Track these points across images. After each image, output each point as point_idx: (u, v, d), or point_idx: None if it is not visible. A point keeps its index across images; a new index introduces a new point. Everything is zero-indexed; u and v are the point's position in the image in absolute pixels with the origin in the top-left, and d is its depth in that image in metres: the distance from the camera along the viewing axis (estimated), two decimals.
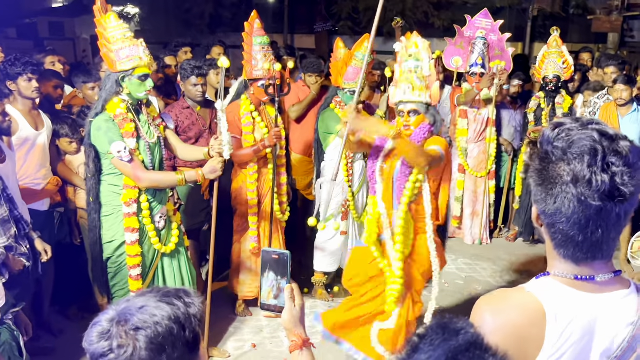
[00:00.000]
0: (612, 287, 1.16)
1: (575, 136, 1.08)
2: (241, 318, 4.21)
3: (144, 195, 3.15)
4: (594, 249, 1.12)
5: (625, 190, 1.05)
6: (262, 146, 3.87)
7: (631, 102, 4.73)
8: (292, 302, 1.35)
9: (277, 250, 1.39)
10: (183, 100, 4.20)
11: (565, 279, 1.16)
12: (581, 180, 1.06)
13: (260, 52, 3.84)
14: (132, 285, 3.17)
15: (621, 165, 1.05)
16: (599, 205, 1.06)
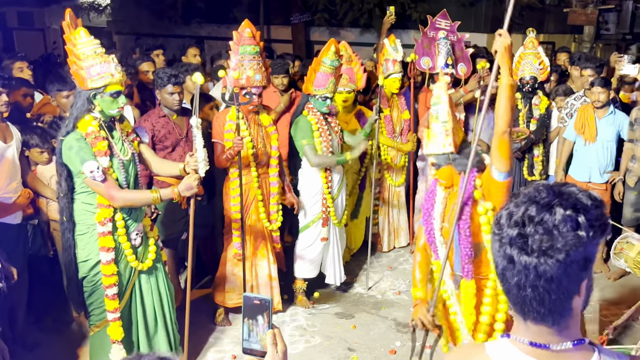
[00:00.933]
0: (573, 356, 1.13)
1: (532, 189, 1.14)
2: (221, 328, 4.21)
3: (119, 214, 3.11)
4: (522, 306, 1.13)
5: (533, 246, 1.07)
6: (230, 154, 3.85)
7: (608, 104, 4.79)
8: (275, 347, 1.34)
9: (258, 295, 1.39)
10: (159, 109, 4.14)
11: (521, 344, 1.16)
12: (499, 225, 1.13)
13: (244, 60, 3.83)
14: (109, 304, 3.14)
15: (538, 223, 1.07)
16: (509, 255, 1.10)
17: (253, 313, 1.38)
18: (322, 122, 4.27)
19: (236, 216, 4.02)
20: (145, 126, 4.02)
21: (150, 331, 3.37)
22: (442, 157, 2.71)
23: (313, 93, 4.21)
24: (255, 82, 3.84)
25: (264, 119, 4.11)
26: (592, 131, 4.81)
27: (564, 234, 1.06)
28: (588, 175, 4.93)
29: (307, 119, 4.25)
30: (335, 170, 4.38)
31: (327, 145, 4.25)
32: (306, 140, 4.23)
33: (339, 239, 4.55)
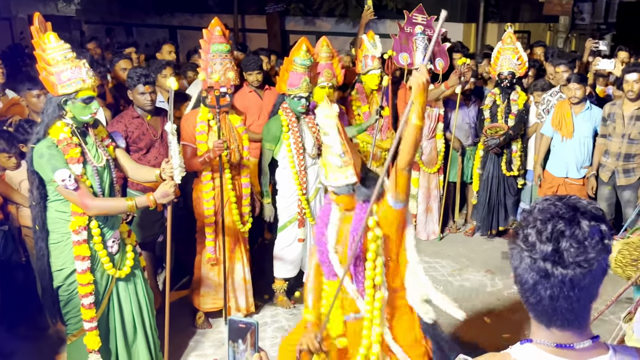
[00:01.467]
0: (592, 353, 1.24)
1: (546, 205, 1.21)
2: (201, 331, 4.19)
3: (94, 222, 3.05)
4: (551, 315, 1.21)
5: (569, 260, 1.15)
6: (208, 157, 3.82)
7: (584, 100, 4.86)
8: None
9: (244, 319, 1.39)
10: (132, 109, 4.06)
11: (547, 347, 1.24)
12: (529, 244, 1.19)
13: (216, 59, 3.80)
14: (85, 314, 3.08)
15: (569, 237, 1.15)
16: (543, 269, 1.17)
17: (238, 336, 1.38)
18: (294, 122, 4.24)
19: (210, 220, 3.99)
20: (118, 128, 3.95)
21: (129, 339, 3.32)
22: (344, 188, 2.60)
23: (287, 93, 4.18)
24: (230, 81, 3.81)
25: (234, 119, 4.07)
26: (569, 127, 4.88)
27: (593, 244, 1.16)
28: (565, 171, 5.01)
29: (279, 120, 4.23)
30: (310, 170, 4.36)
31: (297, 147, 4.23)
32: (268, 144, 4.25)
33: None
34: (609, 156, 4.74)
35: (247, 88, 4.90)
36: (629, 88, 4.50)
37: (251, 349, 1.37)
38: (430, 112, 5.39)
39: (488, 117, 5.36)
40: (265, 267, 4.62)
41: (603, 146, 4.81)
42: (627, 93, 4.53)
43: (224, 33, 3.85)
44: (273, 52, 6.45)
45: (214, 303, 4.17)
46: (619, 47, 5.94)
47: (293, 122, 4.24)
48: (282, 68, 4.23)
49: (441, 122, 5.48)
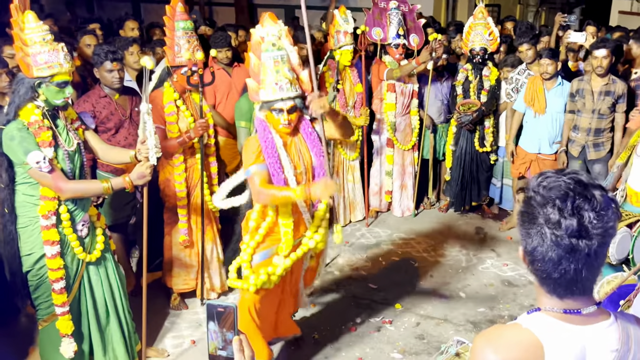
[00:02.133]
0: (597, 318, 1.31)
1: (553, 183, 1.26)
2: (177, 312, 4.19)
3: (64, 206, 3.01)
4: (571, 286, 1.27)
5: (593, 232, 1.21)
6: (188, 137, 3.80)
7: (556, 75, 4.94)
8: (242, 354, 1.35)
9: (222, 303, 1.40)
10: (99, 88, 3.97)
11: (555, 313, 1.31)
12: (552, 222, 1.22)
13: (183, 37, 3.72)
14: (56, 299, 3.06)
15: (590, 210, 1.21)
16: (569, 245, 1.22)
17: (217, 320, 1.39)
18: None
19: (183, 202, 3.98)
20: (85, 107, 3.87)
21: (102, 322, 3.32)
22: (298, 101, 2.98)
23: None
24: (196, 60, 3.76)
25: (196, 97, 4.01)
26: (541, 103, 4.96)
27: (609, 214, 1.23)
28: (538, 147, 5.11)
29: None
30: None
31: None
32: (243, 123, 4.23)
33: None
34: (579, 131, 4.85)
35: (216, 66, 4.84)
36: (598, 64, 4.59)
37: (230, 332, 1.39)
38: (404, 88, 5.42)
39: (460, 93, 5.41)
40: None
41: (572, 122, 4.91)
42: (596, 69, 4.62)
43: (186, 10, 3.79)
44: (241, 27, 6.36)
45: (186, 283, 4.18)
46: (588, 22, 6.03)
47: None
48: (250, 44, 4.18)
49: (415, 98, 5.51)
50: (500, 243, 5.28)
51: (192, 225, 4.08)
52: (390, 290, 4.46)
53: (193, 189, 4.04)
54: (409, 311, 4.18)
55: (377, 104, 5.52)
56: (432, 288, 4.53)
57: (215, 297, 4.31)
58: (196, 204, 4.06)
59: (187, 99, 3.92)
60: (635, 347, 1.32)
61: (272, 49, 2.92)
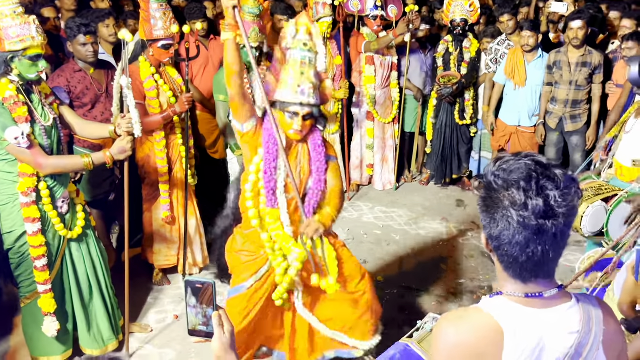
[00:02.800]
0: (558, 301, 1.33)
1: (512, 166, 1.26)
2: (160, 287, 4.25)
3: (43, 182, 3.03)
4: (537, 269, 1.29)
5: (559, 211, 1.23)
6: (173, 112, 3.82)
7: (537, 47, 4.99)
8: (221, 329, 1.39)
9: (201, 279, 1.43)
10: (73, 63, 3.92)
11: (517, 297, 1.33)
12: (519, 204, 1.23)
13: (158, 10, 3.70)
14: (38, 276, 3.09)
15: (554, 188, 1.23)
16: (536, 225, 1.23)
17: (196, 296, 1.41)
18: (245, 73, 4.21)
19: (164, 178, 4.00)
20: (59, 82, 3.83)
21: (86, 299, 3.35)
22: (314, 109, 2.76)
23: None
24: (172, 34, 3.76)
25: (171, 71, 4.02)
26: (521, 75, 5.02)
27: (572, 192, 1.25)
28: (518, 119, 5.19)
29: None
30: None
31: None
32: (222, 97, 4.22)
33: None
34: (557, 103, 4.93)
35: (192, 38, 4.79)
36: (574, 35, 4.66)
37: (210, 308, 1.41)
38: (383, 61, 5.44)
39: (441, 65, 5.45)
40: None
41: (549, 94, 4.99)
42: (572, 40, 4.69)
43: None
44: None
45: (167, 259, 4.22)
46: None
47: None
48: None
49: (395, 70, 5.54)
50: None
51: (174, 201, 4.10)
52: (372, 262, 4.54)
53: (174, 165, 4.05)
54: (391, 283, 4.28)
55: (356, 77, 5.53)
56: (414, 260, 4.63)
57: (197, 273, 4.36)
58: (177, 180, 4.08)
59: (163, 73, 3.91)
60: (596, 328, 1.34)
61: (302, 48, 2.73)
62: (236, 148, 4.27)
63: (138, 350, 3.60)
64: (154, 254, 4.19)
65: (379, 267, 4.49)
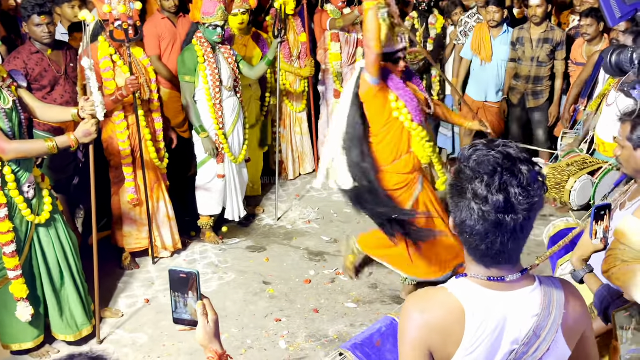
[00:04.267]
0: (520, 285, 1.41)
1: (482, 157, 1.33)
2: (129, 272, 4.30)
3: (7, 167, 3.05)
4: (498, 256, 1.37)
5: (519, 208, 1.29)
6: (120, 95, 3.81)
7: (502, 23, 5.14)
8: (205, 317, 1.45)
9: (185, 269, 1.47)
10: (30, 44, 3.86)
11: (480, 280, 1.42)
12: (480, 198, 1.31)
13: None
14: (8, 262, 3.12)
15: (516, 186, 1.29)
16: (495, 220, 1.30)
17: (180, 286, 1.47)
18: (209, 53, 4.26)
19: (127, 160, 4.03)
20: (16, 65, 3.77)
21: (57, 285, 3.39)
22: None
23: (202, 22, 4.17)
24: (137, 13, 3.76)
25: (137, 52, 4.02)
26: (487, 51, 5.17)
27: (536, 189, 1.31)
28: (484, 95, 5.36)
29: (194, 49, 4.24)
30: (225, 104, 4.42)
31: (213, 79, 4.28)
32: (187, 77, 4.27)
33: (237, 175, 4.66)
34: (520, 79, 5.11)
35: (160, 15, 4.75)
36: (533, 13, 4.84)
37: (193, 297, 1.47)
38: (349, 38, 5.51)
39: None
40: (189, 205, 4.69)
41: (513, 70, 5.16)
42: (532, 18, 4.86)
43: None
44: None
45: (137, 242, 4.28)
46: None
47: (209, 52, 4.26)
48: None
49: (361, 47, 5.59)
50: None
51: (139, 184, 4.13)
52: (342, 241, 4.63)
53: (137, 147, 4.07)
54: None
55: (321, 55, 5.58)
56: None
57: (168, 256, 4.41)
58: (143, 162, 4.08)
59: (124, 54, 3.88)
60: (556, 312, 1.40)
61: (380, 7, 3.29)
62: (201, 130, 4.31)
63: (109, 335, 3.67)
64: (124, 238, 4.24)
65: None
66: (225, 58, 4.38)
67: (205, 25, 4.16)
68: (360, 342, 2.67)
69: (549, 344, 1.40)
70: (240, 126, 4.56)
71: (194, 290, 1.45)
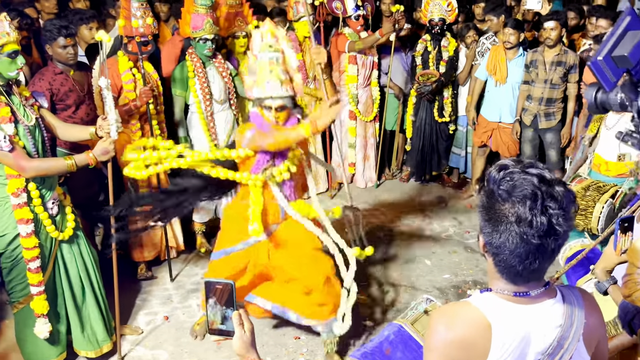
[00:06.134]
0: (543, 298, 1.44)
1: (518, 180, 1.32)
2: (148, 288, 4.31)
3: (32, 183, 3.08)
4: (531, 275, 1.40)
5: (560, 230, 1.32)
6: (134, 106, 3.98)
7: (518, 46, 5.20)
8: (242, 328, 1.48)
9: (221, 280, 1.51)
10: (53, 65, 3.90)
11: (505, 295, 1.44)
12: (524, 221, 1.31)
13: (139, 9, 3.91)
14: (32, 278, 3.14)
15: (557, 208, 1.30)
16: (538, 243, 1.32)
17: (215, 296, 1.50)
18: (200, 67, 4.38)
19: None
20: (41, 86, 3.83)
21: (79, 301, 3.41)
22: (286, 99, 3.23)
23: (192, 36, 4.31)
24: (150, 28, 3.96)
25: (148, 67, 4.18)
26: (502, 72, 5.23)
27: (572, 210, 1.33)
28: (499, 116, 5.40)
29: (185, 64, 4.38)
30: (217, 117, 4.52)
31: (203, 93, 4.39)
32: (179, 91, 4.40)
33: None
34: (532, 101, 5.15)
35: (178, 37, 4.86)
36: (547, 35, 4.89)
37: (229, 308, 1.50)
38: (365, 60, 5.58)
39: (420, 64, 5.62)
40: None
41: (526, 92, 5.21)
42: (546, 40, 4.92)
43: None
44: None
45: (149, 252, 4.37)
46: None
47: (199, 67, 4.39)
48: (184, 10, 4.36)
49: (376, 69, 5.68)
50: (461, 211, 5.59)
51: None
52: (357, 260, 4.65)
53: None
54: (377, 280, 4.42)
55: (336, 77, 5.65)
56: (398, 256, 4.78)
57: (175, 257, 4.54)
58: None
59: (140, 68, 4.07)
60: (577, 321, 1.44)
61: (269, 50, 3.19)
62: (184, 140, 4.42)
63: (130, 352, 3.67)
64: (144, 246, 4.31)
65: (364, 264, 4.60)
66: (219, 72, 4.48)
67: (196, 40, 4.30)
68: (369, 350, 2.65)
69: (571, 353, 1.43)
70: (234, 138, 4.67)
71: (230, 300, 1.49)
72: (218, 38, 4.43)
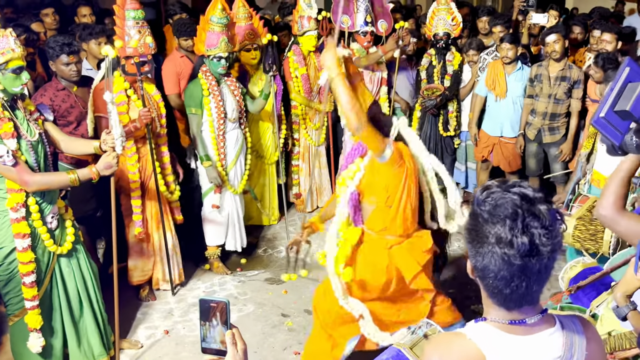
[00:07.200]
0: (541, 327, 1.37)
1: (499, 200, 1.28)
2: (148, 303, 4.28)
3: (32, 198, 3.07)
4: (521, 299, 1.33)
5: (544, 249, 1.25)
6: (134, 127, 3.85)
7: (516, 60, 5.17)
8: (235, 347, 1.43)
9: (215, 298, 1.47)
10: (56, 81, 3.91)
11: (500, 324, 1.37)
12: (504, 242, 1.25)
13: (134, 27, 3.79)
14: (27, 292, 3.12)
15: (539, 227, 1.25)
16: (521, 264, 1.26)
17: (210, 315, 1.46)
18: (214, 86, 4.33)
19: (136, 193, 4.05)
20: (43, 102, 3.85)
21: (76, 315, 3.39)
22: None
23: (206, 54, 4.26)
24: (149, 48, 3.84)
25: (149, 87, 4.09)
26: (502, 87, 5.19)
27: (557, 229, 1.28)
28: (500, 130, 5.35)
29: (199, 83, 4.32)
30: (229, 136, 4.49)
31: (218, 112, 4.34)
32: (194, 109, 4.32)
33: (239, 206, 4.70)
34: (536, 115, 5.11)
35: (178, 53, 4.87)
36: (552, 49, 4.86)
37: (223, 327, 1.45)
38: (373, 76, 5.55)
39: (425, 78, 5.60)
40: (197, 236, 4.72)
41: (530, 106, 5.17)
42: (552, 54, 4.88)
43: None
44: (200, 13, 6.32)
45: (140, 276, 4.26)
46: (551, 5, 6.21)
47: (213, 85, 4.34)
48: (199, 28, 4.29)
49: (385, 85, 5.64)
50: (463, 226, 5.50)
51: (147, 217, 4.16)
52: None
53: (147, 180, 4.11)
54: None
55: None
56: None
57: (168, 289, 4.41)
58: (151, 194, 4.13)
59: (138, 89, 3.95)
60: (578, 353, 1.37)
61: None
62: (205, 159, 4.36)
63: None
64: (129, 270, 4.21)
65: None
66: (231, 90, 4.46)
67: (210, 58, 4.26)
68: None
69: None
70: (242, 158, 4.64)
71: (224, 319, 1.45)
72: (232, 56, 4.39)
